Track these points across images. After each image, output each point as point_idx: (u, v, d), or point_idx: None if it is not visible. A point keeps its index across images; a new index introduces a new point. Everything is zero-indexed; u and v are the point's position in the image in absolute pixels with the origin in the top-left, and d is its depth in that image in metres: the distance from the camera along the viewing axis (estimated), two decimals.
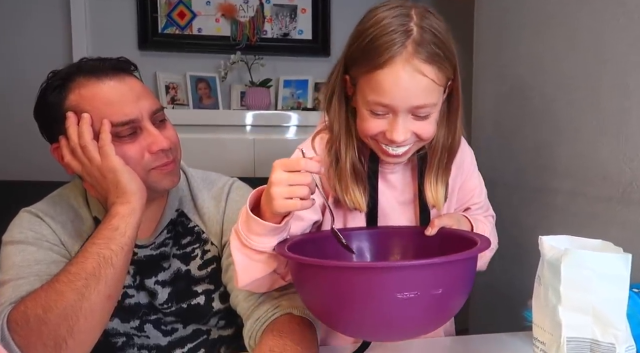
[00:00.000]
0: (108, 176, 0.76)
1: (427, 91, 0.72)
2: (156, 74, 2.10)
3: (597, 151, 1.00)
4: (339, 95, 0.80)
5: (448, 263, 0.63)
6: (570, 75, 1.08)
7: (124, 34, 2.10)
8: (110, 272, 0.71)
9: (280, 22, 2.20)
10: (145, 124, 0.80)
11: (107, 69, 0.79)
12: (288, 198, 0.64)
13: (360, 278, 0.61)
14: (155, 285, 0.85)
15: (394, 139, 0.73)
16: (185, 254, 0.88)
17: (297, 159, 0.64)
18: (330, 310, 0.66)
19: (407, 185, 0.86)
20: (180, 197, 0.90)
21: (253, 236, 0.69)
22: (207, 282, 0.88)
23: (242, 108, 2.13)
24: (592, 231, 1.03)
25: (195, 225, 0.90)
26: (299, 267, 0.68)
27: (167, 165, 0.82)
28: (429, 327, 0.68)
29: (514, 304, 1.33)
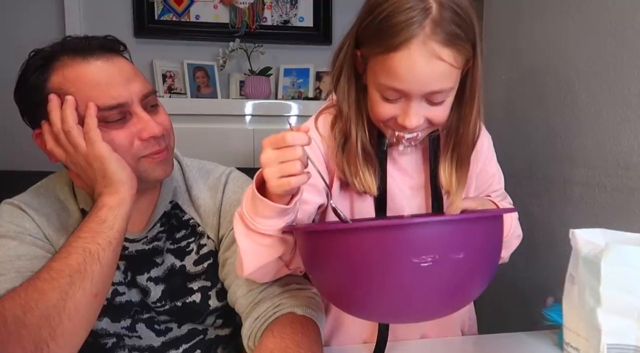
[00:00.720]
0: (94, 164, 0.70)
1: (444, 76, 0.66)
2: (153, 62, 2.04)
3: (618, 139, 0.94)
4: (349, 72, 0.74)
5: (470, 221, 0.57)
6: (588, 59, 1.01)
7: (119, 20, 2.03)
8: (97, 269, 0.65)
9: (281, 8, 2.14)
10: (135, 109, 0.74)
11: (94, 48, 0.73)
12: (282, 177, 0.59)
13: (371, 240, 0.55)
14: (147, 282, 0.80)
15: (405, 125, 0.68)
16: (179, 249, 0.83)
17: (284, 133, 0.59)
18: (341, 284, 0.60)
19: (418, 169, 0.81)
20: (174, 187, 0.85)
21: (260, 219, 0.64)
22: (203, 279, 0.83)
23: (241, 97, 2.07)
24: (613, 225, 0.98)
25: (190, 217, 0.84)
26: (306, 238, 0.63)
27: (159, 153, 0.76)
28: (449, 302, 0.61)
29: (525, 300, 1.28)
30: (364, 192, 0.76)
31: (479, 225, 0.58)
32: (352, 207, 0.80)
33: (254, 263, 0.68)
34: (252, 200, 0.64)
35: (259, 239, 0.66)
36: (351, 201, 0.80)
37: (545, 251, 1.18)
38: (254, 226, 0.65)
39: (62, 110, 0.71)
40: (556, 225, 1.14)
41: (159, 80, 2.02)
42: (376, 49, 0.67)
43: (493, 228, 0.62)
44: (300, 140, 0.59)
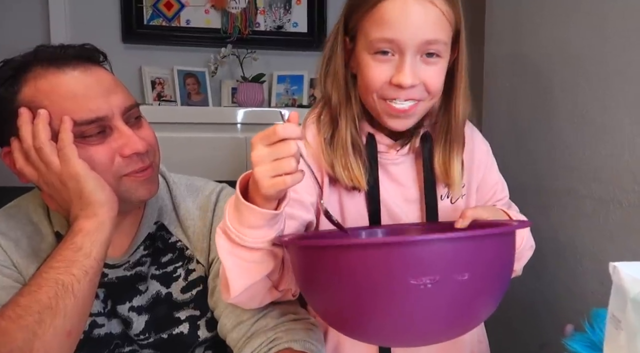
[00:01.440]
0: (69, 184, 0.63)
1: (437, 24, 0.65)
2: (141, 68, 1.97)
3: (633, 152, 0.89)
4: (338, 61, 0.72)
5: (475, 239, 0.51)
6: (599, 64, 0.96)
7: (106, 25, 1.96)
8: (71, 303, 0.59)
9: (274, 13, 2.08)
10: (116, 123, 0.68)
11: (70, 57, 0.68)
12: (275, 176, 0.54)
13: (365, 258, 0.50)
14: (129, 312, 0.73)
15: (401, 81, 0.65)
16: (165, 274, 0.76)
17: (274, 127, 0.53)
18: (336, 305, 0.55)
19: (412, 180, 0.77)
20: (160, 207, 0.78)
21: (247, 230, 0.58)
22: (191, 307, 0.76)
23: (233, 105, 2.00)
24: (627, 244, 0.93)
25: (177, 240, 0.77)
26: (299, 254, 0.58)
27: (144, 171, 0.70)
28: (454, 326, 0.55)
29: (535, 318, 1.22)
30: (353, 188, 0.72)
31: (486, 243, 0.53)
32: (342, 204, 0.75)
33: (241, 284, 0.61)
34: (237, 209, 0.58)
35: (246, 254, 0.60)
36: (340, 198, 0.75)
37: (554, 267, 1.13)
38: (240, 239, 0.58)
39: (34, 125, 0.64)
40: (565, 241, 1.08)
41: (148, 87, 1.96)
42: (366, 6, 0.66)
43: (503, 246, 0.56)
44: (293, 133, 0.54)
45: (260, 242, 0.59)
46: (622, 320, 0.42)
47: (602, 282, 0.96)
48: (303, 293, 0.63)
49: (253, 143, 0.55)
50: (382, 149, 0.75)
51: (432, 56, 0.67)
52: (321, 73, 0.75)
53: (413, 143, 0.75)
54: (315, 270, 0.56)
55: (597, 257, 1.00)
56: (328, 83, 0.74)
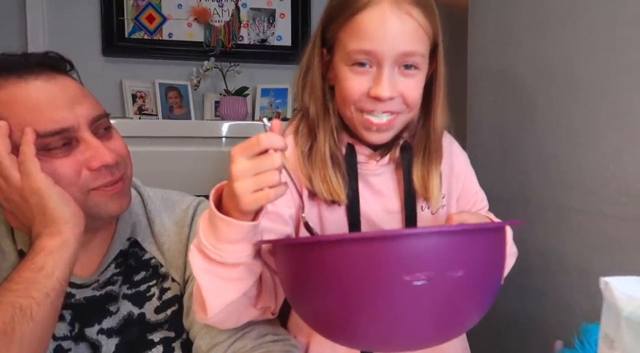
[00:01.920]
0: (31, 200, 0.60)
1: (415, 36, 0.64)
2: (122, 81, 1.94)
3: (619, 164, 0.88)
4: (315, 72, 0.71)
5: (470, 233, 0.50)
6: (582, 77, 0.96)
7: (86, 38, 1.93)
8: (29, 328, 0.55)
9: (258, 27, 2.07)
10: (83, 134, 0.64)
11: (32, 65, 0.64)
12: (257, 191, 0.51)
13: (356, 254, 0.48)
14: (98, 335, 0.69)
15: (379, 93, 0.64)
16: (138, 294, 0.72)
17: (257, 137, 0.51)
18: (323, 306, 0.52)
19: (393, 190, 0.75)
20: (133, 222, 0.74)
21: (224, 245, 0.55)
22: (166, 328, 0.72)
23: (216, 118, 1.97)
24: (613, 256, 0.91)
25: (151, 256, 0.74)
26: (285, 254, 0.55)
27: (114, 184, 0.66)
28: (446, 327, 0.53)
29: (521, 331, 1.20)
30: (333, 201, 0.70)
31: (479, 238, 0.51)
32: (321, 218, 0.72)
33: (219, 303, 0.58)
34: (212, 223, 0.55)
35: (225, 271, 0.56)
36: (319, 212, 0.72)
37: (540, 280, 1.11)
38: (217, 256, 0.55)
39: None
40: (551, 254, 1.07)
41: (129, 101, 1.92)
42: (344, 16, 0.65)
43: (495, 242, 0.55)
44: (277, 143, 0.51)
45: (239, 257, 0.56)
46: (616, 340, 0.40)
47: (590, 296, 0.94)
48: (290, 299, 0.60)
49: (233, 155, 0.52)
50: (361, 160, 0.73)
51: (410, 68, 0.66)
52: (298, 85, 0.73)
53: (393, 153, 0.74)
54: (304, 271, 0.53)
55: (584, 270, 0.98)
56: (305, 95, 0.72)
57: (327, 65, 0.72)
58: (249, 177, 0.51)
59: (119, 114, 1.93)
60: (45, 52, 0.68)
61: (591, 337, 0.65)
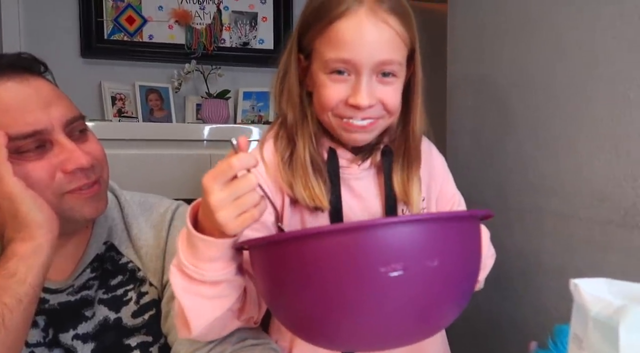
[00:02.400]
0: (2, 204, 0.59)
1: (392, 44, 0.64)
2: (101, 83, 1.91)
3: (592, 169, 0.90)
4: (292, 78, 0.70)
5: (444, 221, 0.50)
6: (559, 84, 0.98)
7: (64, 39, 1.90)
8: (1, 336, 0.53)
9: (240, 30, 2.06)
10: (57, 137, 0.63)
11: (4, 67, 0.63)
12: (241, 214, 0.50)
13: (330, 247, 0.47)
14: (73, 341, 0.68)
15: (358, 102, 0.64)
16: (115, 298, 0.71)
17: (229, 160, 0.50)
18: (301, 305, 0.51)
19: (375, 194, 0.75)
20: (109, 226, 0.73)
21: (204, 264, 0.54)
22: (143, 333, 0.71)
23: (197, 121, 1.96)
24: (587, 257, 0.93)
25: (128, 260, 0.73)
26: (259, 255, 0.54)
27: (90, 188, 0.65)
28: (424, 322, 0.53)
29: (501, 335, 1.21)
30: (315, 208, 0.69)
31: (453, 226, 0.51)
32: (304, 225, 0.72)
33: (202, 322, 0.57)
34: (190, 243, 0.54)
35: (206, 290, 0.56)
36: (302, 219, 0.72)
37: (519, 283, 1.12)
38: (199, 275, 0.54)
39: None
40: (530, 257, 1.08)
41: (108, 103, 1.89)
42: (320, 24, 0.64)
43: (470, 232, 0.55)
44: (249, 163, 0.51)
45: (220, 275, 0.55)
46: (584, 340, 0.41)
47: (564, 298, 0.95)
48: (268, 304, 0.59)
49: (206, 185, 0.50)
50: (343, 164, 0.73)
51: (388, 76, 0.67)
52: (276, 91, 0.73)
53: (374, 158, 0.74)
54: (280, 270, 0.52)
55: (560, 273, 1.00)
56: (283, 101, 0.72)
57: (304, 71, 0.71)
58: (229, 205, 0.50)
59: (97, 116, 1.90)
60: (18, 53, 0.66)
61: (564, 338, 0.66)
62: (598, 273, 0.72)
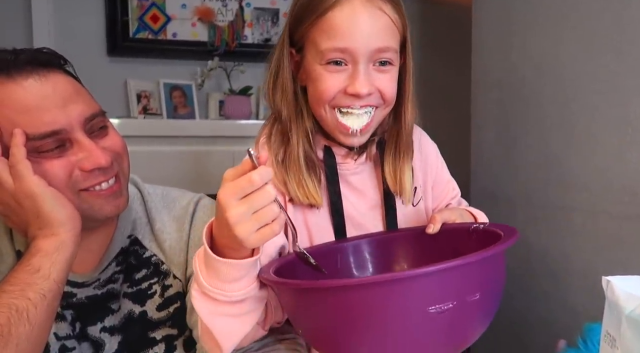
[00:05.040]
0: (25, 203, 0.59)
1: (388, 31, 0.64)
2: (127, 81, 1.94)
3: (623, 163, 0.87)
4: (285, 73, 0.69)
5: (485, 261, 0.51)
6: (587, 77, 0.95)
7: (91, 38, 1.93)
8: (25, 331, 0.54)
9: (261, 26, 2.07)
10: (75, 135, 0.63)
11: (22, 63, 0.62)
12: (260, 229, 0.50)
13: (381, 294, 0.49)
14: (101, 333, 0.69)
15: (357, 90, 0.63)
16: (140, 292, 0.72)
17: (249, 176, 0.50)
18: (344, 342, 0.52)
19: (372, 187, 0.75)
20: (133, 220, 0.74)
21: (229, 285, 0.54)
22: (168, 326, 0.72)
23: (220, 118, 1.98)
24: (618, 255, 0.91)
25: (152, 254, 0.74)
26: (298, 297, 0.54)
27: (110, 187, 0.66)
28: (459, 345, 0.56)
29: (525, 334, 1.19)
30: (310, 205, 0.69)
31: (491, 260, 0.53)
32: (306, 221, 0.71)
33: (233, 340, 0.58)
34: (210, 266, 0.54)
35: (234, 309, 0.56)
36: (304, 216, 0.72)
37: (546, 281, 1.10)
38: (225, 297, 0.54)
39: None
40: (557, 254, 1.06)
41: (133, 101, 1.93)
42: (314, 16, 0.64)
43: (500, 260, 0.57)
44: (268, 177, 0.50)
45: (246, 293, 0.55)
46: (618, 338, 0.40)
47: (594, 296, 0.93)
48: (301, 332, 0.59)
49: (223, 200, 0.50)
50: (339, 160, 0.72)
51: (385, 64, 0.66)
52: (269, 88, 0.72)
53: (369, 151, 0.73)
54: (318, 311, 0.52)
55: (588, 270, 0.98)
56: (277, 98, 0.71)
57: (297, 66, 0.70)
58: (248, 219, 0.50)
59: (123, 113, 1.93)
60: (37, 49, 0.65)
61: (594, 337, 0.65)
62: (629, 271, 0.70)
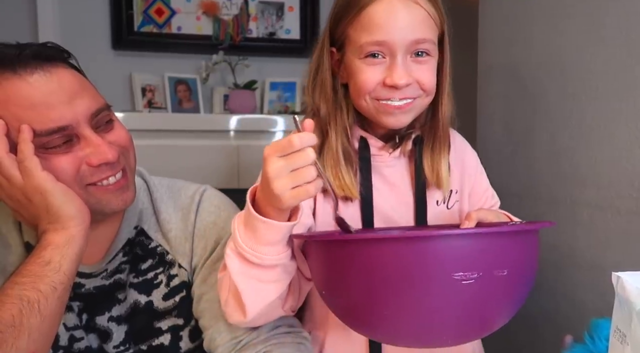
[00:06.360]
0: (34, 198, 0.59)
1: (424, 23, 0.66)
2: (131, 75, 1.95)
3: (632, 158, 0.87)
4: (326, 71, 0.72)
5: (518, 234, 0.53)
6: (595, 70, 0.94)
7: (96, 32, 1.94)
8: (36, 322, 0.54)
9: (266, 20, 2.06)
10: (82, 131, 0.63)
11: (27, 58, 0.61)
12: (296, 188, 0.52)
13: (409, 252, 0.50)
14: (109, 323, 0.69)
15: (395, 81, 0.65)
16: (145, 282, 0.72)
17: (290, 137, 0.52)
18: (367, 302, 0.53)
19: (405, 182, 0.76)
20: (139, 210, 0.74)
21: (264, 247, 0.56)
22: (174, 316, 0.73)
23: (225, 112, 1.98)
24: (625, 250, 0.90)
25: (157, 244, 0.74)
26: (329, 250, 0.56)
27: (117, 181, 0.66)
28: (481, 326, 0.56)
29: (533, 328, 1.19)
30: (345, 197, 0.71)
31: (525, 239, 0.54)
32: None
33: (257, 305, 0.60)
34: (250, 226, 0.56)
35: (264, 274, 0.58)
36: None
37: (552, 276, 1.10)
38: (258, 259, 0.56)
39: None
40: (564, 249, 1.05)
41: (138, 94, 1.93)
42: (353, 12, 0.66)
43: (533, 243, 0.58)
44: (310, 142, 0.52)
45: (278, 259, 0.58)
46: (628, 334, 0.40)
47: (602, 291, 0.93)
48: (321, 290, 0.61)
49: (266, 156, 0.53)
50: (374, 152, 0.74)
51: (422, 55, 0.68)
52: (309, 85, 0.75)
53: (405, 146, 0.75)
54: (346, 267, 0.54)
55: (596, 266, 0.97)
56: (316, 94, 0.73)
57: (337, 64, 0.73)
58: (286, 175, 0.52)
59: (128, 107, 1.94)
60: (42, 44, 0.65)
61: (602, 332, 0.64)
62: (637, 266, 0.70)
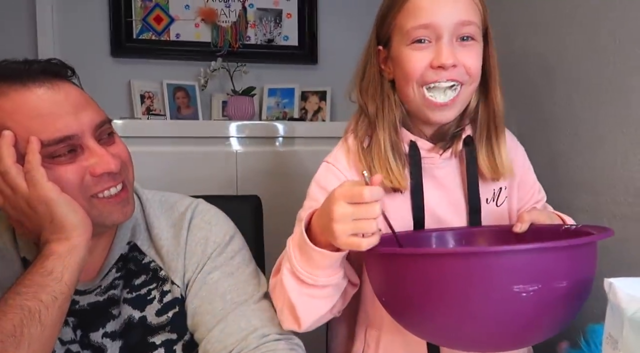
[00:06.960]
0: (39, 208, 0.60)
1: (469, 6, 0.69)
2: (130, 82, 1.95)
3: (627, 164, 0.87)
4: (373, 68, 0.76)
5: (574, 248, 0.54)
6: (591, 76, 0.95)
7: (95, 39, 1.94)
8: (37, 332, 0.55)
9: (265, 27, 2.07)
10: (87, 141, 0.64)
11: (35, 73, 0.63)
12: (353, 235, 0.56)
13: (471, 265, 0.52)
14: (103, 339, 0.69)
15: (442, 61, 0.67)
16: (139, 298, 0.72)
17: (361, 189, 0.55)
18: (427, 310, 0.56)
19: (456, 183, 0.77)
20: (132, 226, 0.74)
21: (319, 271, 0.60)
22: (167, 331, 0.72)
23: (223, 118, 1.98)
24: (621, 256, 0.91)
25: (150, 260, 0.74)
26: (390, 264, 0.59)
27: (118, 194, 0.67)
28: (535, 335, 0.58)
29: None
30: (393, 189, 0.72)
31: (584, 251, 0.56)
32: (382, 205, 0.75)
33: (311, 318, 0.65)
34: (305, 253, 0.60)
35: (318, 292, 0.62)
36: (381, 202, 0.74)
37: None
38: (313, 280, 0.61)
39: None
40: None
41: (137, 101, 1.93)
42: (397, 6, 0.70)
43: (592, 254, 0.59)
44: (378, 196, 0.55)
45: (331, 279, 0.62)
46: (620, 341, 0.40)
47: (597, 297, 0.93)
48: (380, 297, 0.63)
49: (337, 198, 0.56)
50: (424, 154, 0.76)
51: (468, 39, 0.70)
52: (357, 82, 0.78)
53: (455, 147, 0.76)
54: (409, 279, 0.57)
55: None
56: (364, 92, 0.77)
57: (384, 62, 0.76)
58: (349, 222, 0.56)
59: (127, 114, 1.94)
60: (47, 59, 0.67)
61: (597, 338, 0.64)
62: (633, 272, 0.70)
